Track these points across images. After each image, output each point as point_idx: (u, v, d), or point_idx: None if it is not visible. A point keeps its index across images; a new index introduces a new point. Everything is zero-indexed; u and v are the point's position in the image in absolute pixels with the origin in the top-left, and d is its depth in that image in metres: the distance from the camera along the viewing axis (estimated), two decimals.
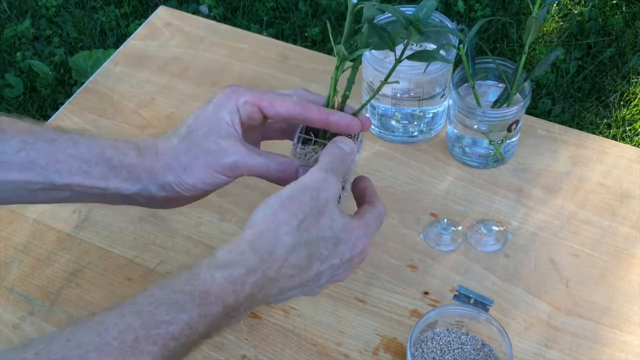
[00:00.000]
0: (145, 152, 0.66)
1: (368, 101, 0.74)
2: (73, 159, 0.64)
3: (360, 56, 0.67)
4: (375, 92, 0.73)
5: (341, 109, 0.70)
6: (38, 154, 0.64)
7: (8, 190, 0.65)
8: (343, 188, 0.69)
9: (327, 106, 0.69)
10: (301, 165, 0.67)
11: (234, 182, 0.74)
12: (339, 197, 0.65)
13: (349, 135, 0.70)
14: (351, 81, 0.69)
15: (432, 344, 0.76)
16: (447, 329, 0.78)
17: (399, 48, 0.67)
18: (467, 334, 0.77)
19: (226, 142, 0.65)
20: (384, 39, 0.66)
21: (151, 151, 0.66)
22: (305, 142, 0.70)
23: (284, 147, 0.74)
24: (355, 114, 0.70)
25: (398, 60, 0.68)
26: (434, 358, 0.76)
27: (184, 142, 0.66)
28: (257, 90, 0.67)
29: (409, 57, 0.67)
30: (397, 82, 0.71)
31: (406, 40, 0.67)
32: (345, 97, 0.70)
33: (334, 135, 0.69)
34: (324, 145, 0.68)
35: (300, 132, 0.71)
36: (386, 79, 0.70)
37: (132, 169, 0.66)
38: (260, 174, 0.67)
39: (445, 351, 0.76)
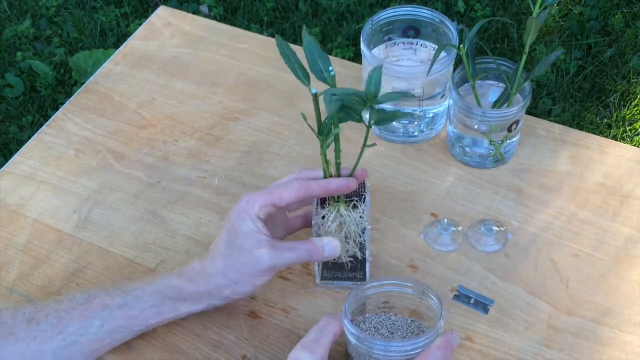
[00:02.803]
0: (196, 279, 0.80)
1: (357, 163, 0.80)
2: (144, 310, 0.80)
3: (337, 133, 0.76)
4: (359, 159, 0.79)
5: (338, 174, 0.80)
6: (117, 321, 0.80)
7: (105, 353, 0.82)
8: (362, 245, 0.83)
9: (325, 176, 0.80)
10: (325, 243, 0.80)
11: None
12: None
13: (356, 191, 0.82)
14: (338, 150, 0.78)
15: (365, 325, 0.80)
16: (376, 314, 0.80)
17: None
18: (396, 315, 0.79)
19: (258, 251, 0.78)
20: (350, 114, 0.75)
21: (201, 277, 0.80)
22: (322, 203, 0.82)
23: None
24: (351, 174, 0.80)
25: (368, 130, 0.75)
26: (370, 334, 0.79)
27: (226, 260, 0.79)
28: (265, 190, 0.80)
29: (375, 123, 0.75)
30: (374, 144, 0.78)
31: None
32: (338, 164, 0.79)
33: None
34: (336, 207, 0.81)
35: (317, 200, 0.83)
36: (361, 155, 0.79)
37: (193, 296, 0.81)
38: (294, 264, 0.83)
39: (379, 327, 0.80)
